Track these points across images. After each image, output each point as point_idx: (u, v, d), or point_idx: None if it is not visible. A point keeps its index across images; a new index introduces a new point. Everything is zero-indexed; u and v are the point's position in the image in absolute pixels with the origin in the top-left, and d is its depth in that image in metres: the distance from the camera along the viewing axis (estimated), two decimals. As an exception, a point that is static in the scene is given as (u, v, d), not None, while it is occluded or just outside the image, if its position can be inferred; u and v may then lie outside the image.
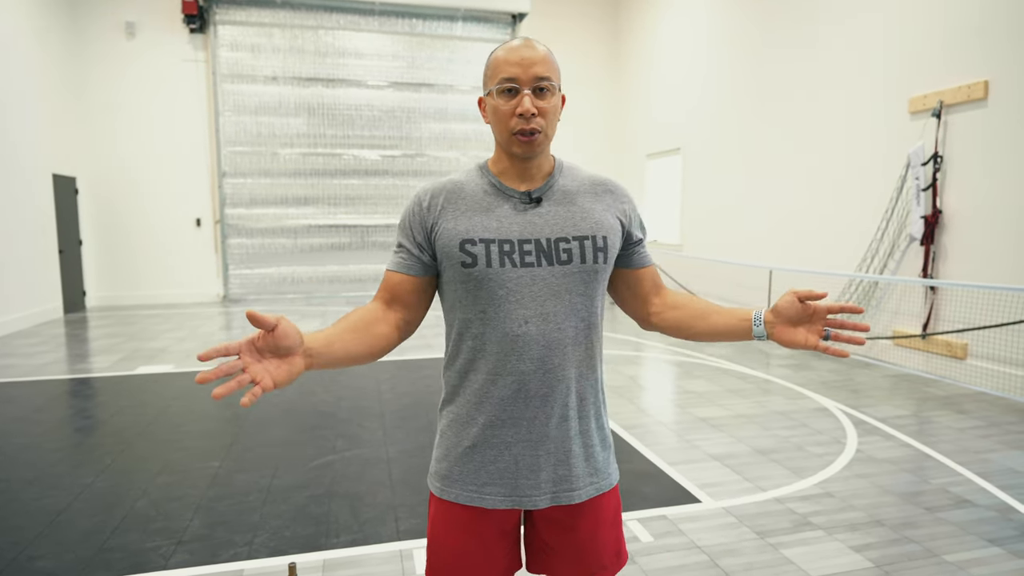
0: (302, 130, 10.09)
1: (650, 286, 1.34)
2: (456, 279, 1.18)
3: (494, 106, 1.18)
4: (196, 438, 3.78)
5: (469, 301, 1.18)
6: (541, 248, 1.19)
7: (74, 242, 9.14)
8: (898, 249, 5.58)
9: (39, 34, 8.24)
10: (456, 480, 1.22)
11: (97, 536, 2.60)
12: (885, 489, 3.01)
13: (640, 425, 3.98)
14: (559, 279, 1.18)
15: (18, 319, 7.53)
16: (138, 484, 3.11)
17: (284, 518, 2.76)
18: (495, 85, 1.17)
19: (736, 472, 3.23)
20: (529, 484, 1.20)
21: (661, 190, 10.00)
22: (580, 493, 1.22)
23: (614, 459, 1.31)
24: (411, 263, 1.22)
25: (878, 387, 4.84)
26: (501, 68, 1.16)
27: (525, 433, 1.19)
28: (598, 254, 1.21)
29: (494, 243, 1.17)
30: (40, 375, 5.34)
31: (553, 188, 1.24)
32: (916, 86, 5.36)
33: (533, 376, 1.17)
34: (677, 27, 9.25)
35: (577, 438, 1.21)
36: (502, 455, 1.19)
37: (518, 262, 1.17)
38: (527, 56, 1.15)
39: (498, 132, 1.19)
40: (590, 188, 1.27)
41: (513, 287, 1.17)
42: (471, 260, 1.16)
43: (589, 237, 1.21)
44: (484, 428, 1.20)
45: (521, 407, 1.18)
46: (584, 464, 1.22)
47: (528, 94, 1.15)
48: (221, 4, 9.63)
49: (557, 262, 1.19)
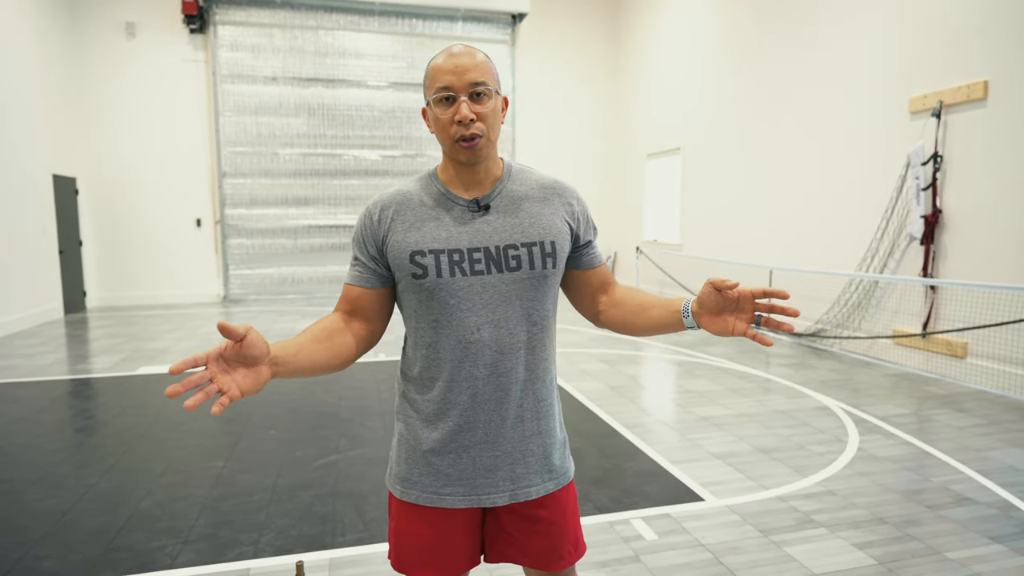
0: (302, 130, 10.09)
1: (599, 285, 1.37)
2: (409, 290, 1.22)
3: (434, 116, 1.20)
4: (198, 438, 3.79)
5: (423, 311, 1.22)
6: (491, 256, 1.21)
7: (74, 242, 9.14)
8: (898, 248, 5.60)
9: (39, 34, 8.24)
10: (415, 483, 1.26)
11: (103, 536, 2.61)
12: (887, 487, 3.02)
13: (641, 424, 4.00)
14: (509, 286, 1.21)
15: (19, 319, 7.53)
16: (142, 484, 3.12)
17: (290, 517, 2.77)
18: (432, 95, 1.18)
19: (739, 471, 3.25)
20: (487, 483, 1.24)
21: (661, 190, 10.02)
22: (538, 489, 1.27)
23: (570, 455, 1.37)
24: (367, 276, 1.25)
25: (879, 386, 4.86)
26: (437, 78, 1.18)
27: (482, 436, 1.23)
28: (547, 259, 1.24)
29: (443, 253, 1.20)
30: (42, 375, 5.34)
31: (501, 194, 1.26)
32: (916, 86, 5.38)
33: (488, 381, 1.21)
34: (677, 27, 9.27)
35: (533, 438, 1.26)
36: (460, 458, 1.24)
37: (468, 271, 1.20)
38: (461, 63, 1.17)
39: (442, 141, 1.21)
40: (538, 192, 1.29)
41: (464, 296, 1.20)
42: (421, 271, 1.19)
43: (537, 243, 1.23)
44: (442, 433, 1.24)
45: (477, 411, 1.22)
46: (540, 462, 1.27)
47: (465, 100, 1.16)
48: (221, 4, 9.63)
49: (507, 269, 1.21)
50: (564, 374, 5.29)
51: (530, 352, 1.24)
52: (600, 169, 11.58)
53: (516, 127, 10.98)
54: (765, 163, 7.38)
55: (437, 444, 1.24)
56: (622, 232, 11.19)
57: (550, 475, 1.29)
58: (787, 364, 5.59)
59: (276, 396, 4.64)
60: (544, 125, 11.17)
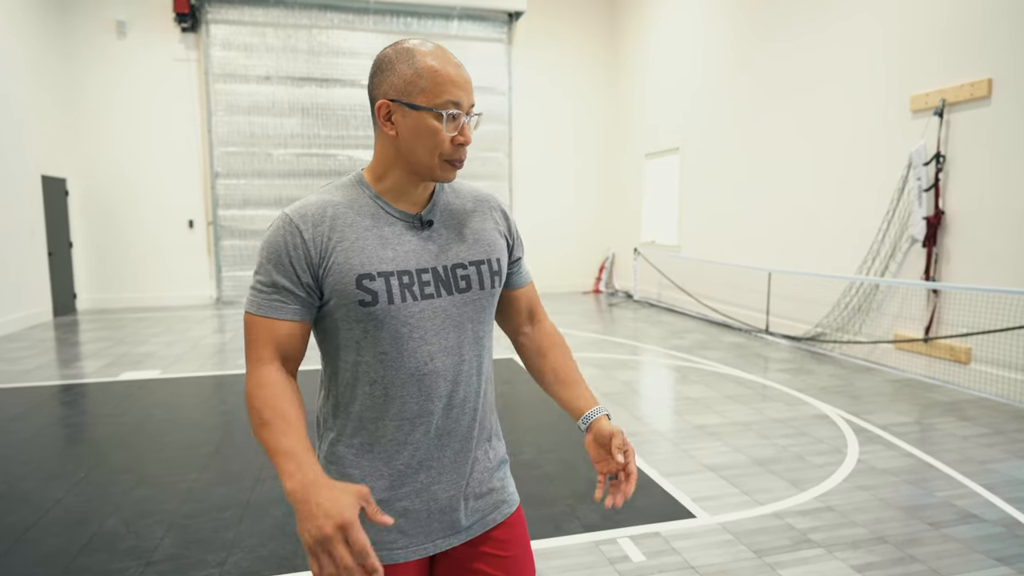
0: (296, 130, 9.97)
1: (525, 309, 1.28)
2: (351, 319, 1.04)
3: (430, 127, 1.03)
4: (177, 449, 3.66)
5: (368, 343, 1.05)
6: (439, 277, 1.09)
7: (65, 244, 9.02)
8: (900, 251, 5.46)
9: (27, 33, 8.12)
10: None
11: (63, 556, 2.48)
12: (887, 503, 2.89)
13: (635, 433, 3.86)
14: (459, 308, 1.10)
15: (6, 323, 7.41)
16: (111, 499, 3.00)
17: (261, 536, 2.64)
18: (439, 106, 1.03)
19: (733, 484, 3.12)
20: (442, 527, 1.14)
21: (660, 190, 9.88)
22: (495, 518, 1.19)
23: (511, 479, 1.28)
24: (297, 308, 1.03)
25: (879, 393, 4.72)
26: (446, 88, 1.03)
27: (436, 475, 1.12)
28: (494, 278, 1.15)
29: (393, 276, 1.05)
30: (22, 381, 5.22)
31: (439, 208, 1.15)
32: (918, 84, 5.24)
33: (443, 415, 1.11)
34: (675, 25, 9.13)
35: (484, 468, 1.19)
36: (413, 503, 1.11)
37: (418, 294, 1.07)
38: (467, 79, 1.07)
39: (424, 154, 1.05)
40: (474, 206, 1.19)
41: (416, 323, 1.07)
42: (371, 298, 1.03)
43: (485, 261, 1.14)
44: (392, 480, 1.10)
45: (434, 449, 1.11)
46: (494, 492, 1.20)
47: (467, 122, 1.06)
48: (213, 3, 9.51)
49: (456, 290, 1.10)
50: (557, 380, 5.15)
51: (480, 377, 1.15)
52: (597, 169, 11.44)
53: (513, 127, 10.85)
54: (765, 163, 7.24)
55: (387, 492, 1.10)
56: (620, 233, 11.06)
57: (504, 502, 1.21)
58: (786, 369, 5.46)
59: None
60: (541, 125, 11.04)
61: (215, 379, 5.27)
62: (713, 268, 8.28)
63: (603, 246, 11.56)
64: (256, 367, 1.03)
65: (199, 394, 4.82)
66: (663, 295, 9.68)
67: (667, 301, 9.52)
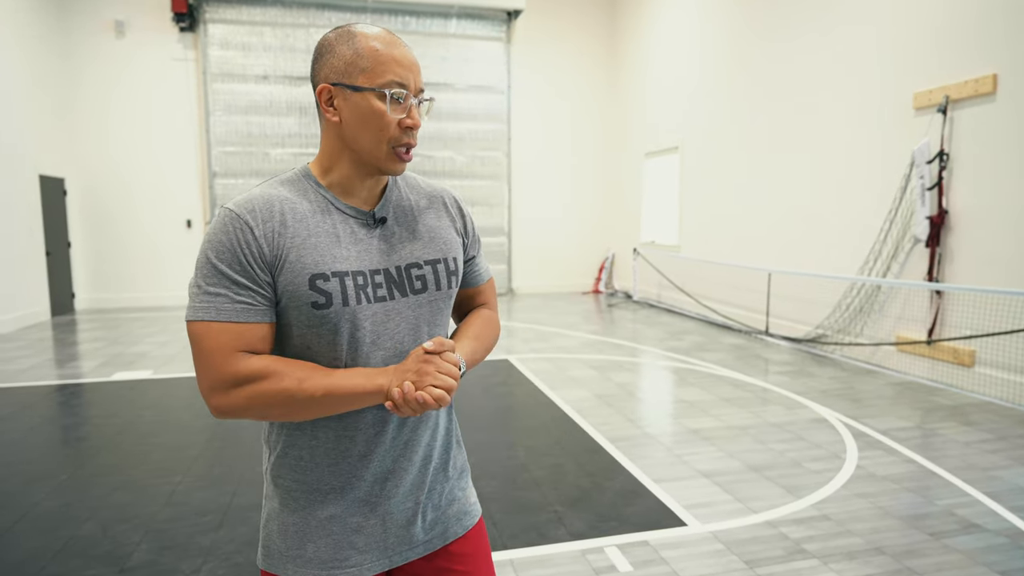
0: (293, 130, 9.92)
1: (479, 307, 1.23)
2: (303, 323, 0.96)
3: (374, 109, 0.96)
4: (163, 451, 3.60)
5: (320, 347, 0.98)
6: (391, 278, 1.03)
7: (63, 244, 8.99)
8: (902, 251, 5.36)
9: (25, 33, 8.09)
10: (311, 559, 1.02)
11: (34, 563, 2.42)
12: (886, 511, 2.80)
13: (627, 438, 3.78)
14: (414, 310, 1.04)
15: (3, 322, 7.38)
16: (90, 503, 2.93)
17: (238, 542, 2.57)
18: (382, 85, 0.96)
19: (726, 491, 3.03)
20: (400, 540, 1.07)
21: (659, 190, 9.79)
22: (456, 531, 1.14)
23: (473, 488, 1.22)
24: (267, 308, 0.95)
25: (881, 396, 4.63)
26: (390, 68, 0.96)
27: (392, 487, 1.05)
28: (451, 278, 1.09)
29: (348, 276, 0.98)
30: (13, 381, 5.17)
31: (392, 204, 1.07)
32: (920, 80, 5.15)
33: (401, 422, 1.04)
34: (674, 22, 9.04)
35: (443, 478, 1.13)
36: (368, 518, 1.04)
37: (372, 296, 1.00)
38: (414, 60, 1.00)
39: (367, 140, 0.98)
40: (429, 202, 1.12)
41: (370, 326, 1.00)
42: (324, 300, 0.96)
43: (441, 260, 1.08)
44: (345, 491, 1.03)
45: (390, 460, 1.04)
46: (454, 503, 1.15)
47: (416, 104, 0.99)
48: (211, 2, 9.47)
49: (411, 292, 1.04)
50: (550, 381, 5.08)
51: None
52: (597, 168, 11.36)
53: (512, 126, 10.77)
54: (765, 162, 7.15)
55: (339, 507, 1.03)
56: (619, 233, 10.97)
57: (466, 513, 1.16)
58: (785, 372, 5.37)
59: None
60: (539, 123, 10.96)
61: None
62: (713, 268, 8.18)
63: (603, 246, 11.47)
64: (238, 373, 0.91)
65: (189, 395, 4.76)
66: (663, 296, 9.58)
67: (667, 302, 9.43)
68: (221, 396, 0.91)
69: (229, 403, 0.91)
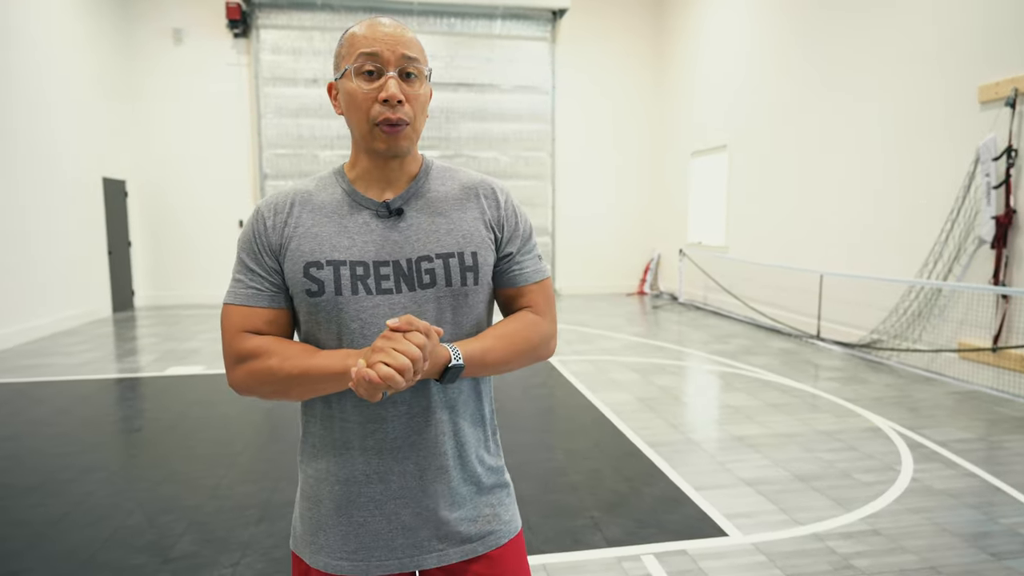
0: (342, 132, 10.11)
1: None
2: (304, 311, 1.00)
3: (350, 90, 0.97)
4: (209, 445, 3.70)
5: (321, 336, 1.00)
6: (400, 271, 0.99)
7: (123, 243, 9.40)
8: (965, 253, 5.08)
9: (91, 43, 8.49)
10: (323, 546, 1.04)
11: (84, 551, 2.51)
12: (943, 528, 2.64)
13: (668, 443, 3.69)
14: (422, 306, 1.00)
15: (67, 318, 7.76)
16: (138, 494, 3.03)
17: (276, 537, 2.62)
18: (352, 63, 0.96)
19: (771, 501, 2.92)
20: (407, 544, 1.03)
21: (706, 189, 9.57)
22: (476, 546, 1.07)
23: (513, 501, 1.13)
24: (273, 294, 1.00)
25: (940, 405, 4.39)
26: (360, 44, 0.96)
27: (396, 488, 1.02)
28: (467, 274, 1.02)
29: (344, 266, 0.98)
30: (73, 375, 5.42)
31: (416, 196, 1.04)
32: (987, 72, 4.86)
33: (397, 422, 1.00)
34: (724, 18, 8.82)
35: (463, 485, 1.06)
36: (373, 515, 1.02)
37: (373, 288, 0.98)
38: (392, 33, 0.97)
39: (355, 123, 0.99)
40: (460, 193, 1.06)
41: (368, 319, 0.98)
42: (317, 288, 0.97)
43: (455, 254, 1.01)
44: (347, 484, 1.02)
45: (388, 459, 1.01)
46: (475, 513, 1.07)
47: (393, 76, 0.96)
48: (263, 8, 9.75)
49: (419, 286, 1.00)
50: (591, 384, 5.01)
51: (451, 387, 1.03)
52: (642, 168, 11.19)
53: (556, 126, 10.71)
54: (817, 159, 6.89)
55: (342, 497, 1.03)
56: (664, 234, 10.77)
57: (486, 527, 1.08)
58: (837, 378, 5.15)
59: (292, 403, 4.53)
60: (583, 123, 10.87)
61: (253, 376, 5.35)
62: (761, 270, 7.94)
63: (648, 247, 11.29)
64: (239, 350, 0.97)
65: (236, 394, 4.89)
66: (709, 297, 9.36)
67: (713, 304, 9.20)
68: (230, 372, 0.99)
69: (234, 378, 0.99)
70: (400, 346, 0.84)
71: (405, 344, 0.84)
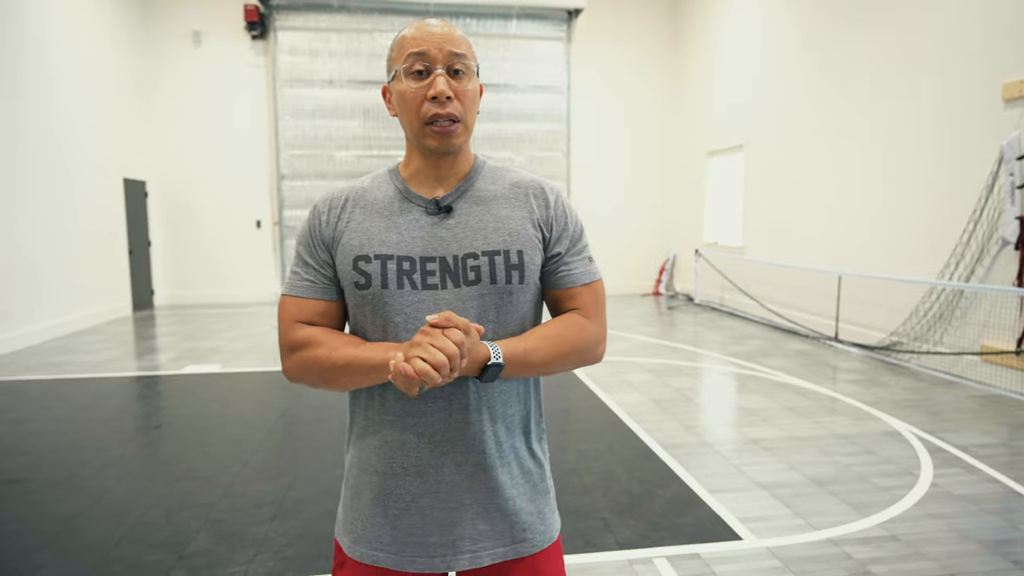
0: (358, 132, 10.17)
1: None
2: (353, 303, 1.04)
3: (401, 90, 1.01)
4: (224, 443, 3.75)
5: (368, 328, 1.03)
6: (447, 267, 1.01)
7: (143, 243, 9.54)
8: (987, 254, 4.98)
9: (113, 45, 8.63)
10: (360, 536, 1.06)
11: (102, 545, 2.55)
12: (964, 534, 2.59)
13: (682, 445, 3.66)
14: (466, 303, 1.00)
15: (88, 316, 7.89)
16: (156, 490, 3.08)
17: (290, 535, 2.64)
18: (402, 64, 0.99)
19: (786, 505, 2.88)
20: (440, 543, 1.03)
21: (723, 189, 9.49)
22: (507, 551, 1.05)
23: (553, 508, 1.12)
24: (326, 287, 1.05)
25: (962, 409, 4.31)
26: (409, 44, 0.99)
27: (432, 484, 1.02)
28: (511, 272, 1.02)
29: (392, 260, 1.00)
30: (94, 372, 5.51)
31: (466, 193, 1.06)
32: (1011, 69, 4.77)
33: (437, 419, 1.01)
34: (741, 16, 8.74)
35: (500, 488, 1.05)
36: (408, 509, 1.03)
37: (419, 283, 1.00)
38: (439, 32, 0.99)
39: (407, 122, 1.02)
40: (510, 193, 1.07)
41: (412, 313, 0.99)
42: (364, 280, 1.01)
43: (501, 252, 1.02)
44: (384, 477, 1.03)
45: (425, 454, 1.02)
46: (512, 518, 1.05)
47: (442, 74, 0.98)
48: (281, 10, 9.83)
49: (464, 283, 1.01)
50: (604, 385, 4.99)
51: (493, 386, 1.03)
52: (657, 168, 11.12)
53: (571, 126, 10.69)
54: (836, 159, 6.80)
55: (379, 489, 1.04)
56: (680, 234, 10.70)
57: (524, 533, 1.07)
58: (855, 380, 5.08)
59: (308, 400, 4.58)
60: (598, 123, 10.83)
61: (270, 375, 5.41)
62: (779, 271, 7.86)
63: (663, 247, 11.22)
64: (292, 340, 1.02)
65: (254, 390, 4.95)
66: (725, 298, 9.28)
67: (730, 305, 9.12)
68: (283, 360, 1.04)
69: (286, 366, 1.04)
70: (437, 342, 0.85)
71: (442, 340, 0.85)
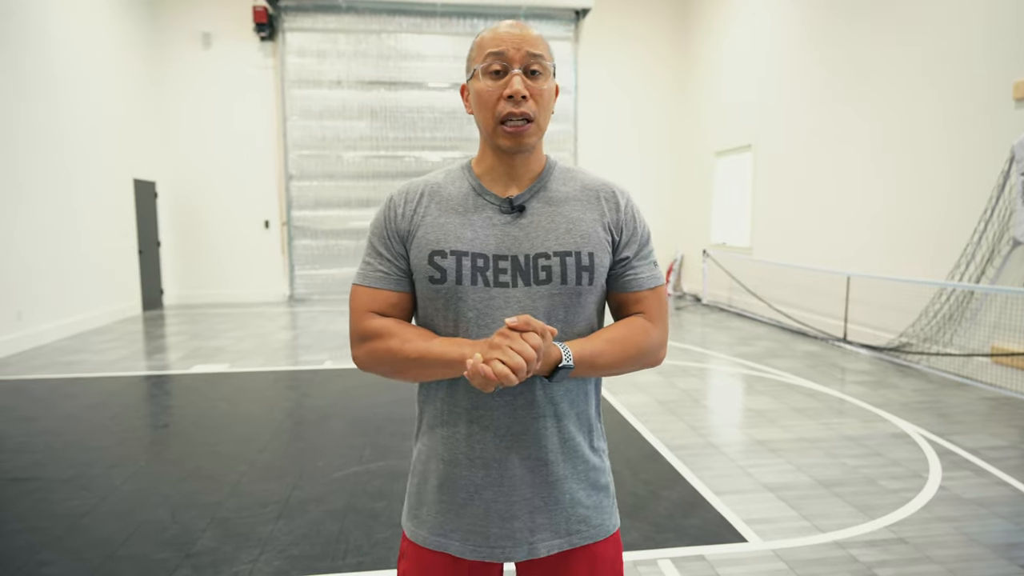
0: (365, 133, 10.20)
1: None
2: (424, 296, 1.06)
3: (478, 89, 1.03)
4: (231, 442, 3.77)
5: (439, 322, 1.05)
6: (518, 266, 1.03)
7: (153, 243, 9.61)
8: (998, 255, 4.93)
9: (123, 47, 8.70)
10: (424, 521, 1.09)
11: (110, 544, 2.57)
12: (972, 538, 2.57)
13: (688, 446, 3.65)
14: (536, 302, 1.02)
15: (98, 316, 7.96)
16: (163, 489, 3.10)
17: (295, 535, 2.65)
18: (480, 64, 1.02)
19: (792, 507, 2.87)
20: (501, 534, 1.04)
21: (731, 189, 9.45)
22: (562, 543, 1.07)
23: (613, 503, 1.13)
24: (399, 278, 1.07)
25: (971, 411, 4.27)
26: (487, 45, 1.02)
27: (496, 476, 1.04)
28: (582, 273, 1.03)
29: (467, 256, 1.02)
30: (104, 371, 5.56)
31: (538, 194, 1.07)
32: (1022, 69, 4.72)
33: (503, 413, 1.03)
34: (750, 15, 8.70)
35: (561, 482, 1.06)
36: (472, 499, 1.05)
37: (491, 280, 1.02)
38: (517, 33, 1.02)
39: (482, 120, 1.04)
40: (581, 194, 1.09)
41: (483, 309, 1.02)
42: (439, 275, 1.02)
43: (572, 253, 1.03)
44: (449, 466, 1.06)
45: (490, 447, 1.04)
46: (569, 511, 1.07)
47: (518, 74, 1.00)
48: (289, 12, 9.88)
49: (535, 282, 1.02)
50: (611, 385, 4.98)
51: (559, 383, 1.05)
52: (665, 168, 11.09)
53: (578, 125, 10.68)
54: (845, 158, 6.76)
55: (444, 477, 1.07)
56: (689, 234, 10.67)
57: (581, 526, 1.08)
58: (864, 382, 5.05)
59: (314, 400, 4.59)
60: (606, 123, 10.81)
61: (277, 375, 5.43)
62: (787, 271, 7.82)
63: (671, 247, 11.19)
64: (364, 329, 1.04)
65: (261, 389, 4.97)
66: (733, 299, 9.24)
67: (737, 306, 9.08)
68: (354, 348, 1.06)
69: (357, 355, 1.06)
70: (517, 345, 0.87)
71: (521, 344, 0.88)
